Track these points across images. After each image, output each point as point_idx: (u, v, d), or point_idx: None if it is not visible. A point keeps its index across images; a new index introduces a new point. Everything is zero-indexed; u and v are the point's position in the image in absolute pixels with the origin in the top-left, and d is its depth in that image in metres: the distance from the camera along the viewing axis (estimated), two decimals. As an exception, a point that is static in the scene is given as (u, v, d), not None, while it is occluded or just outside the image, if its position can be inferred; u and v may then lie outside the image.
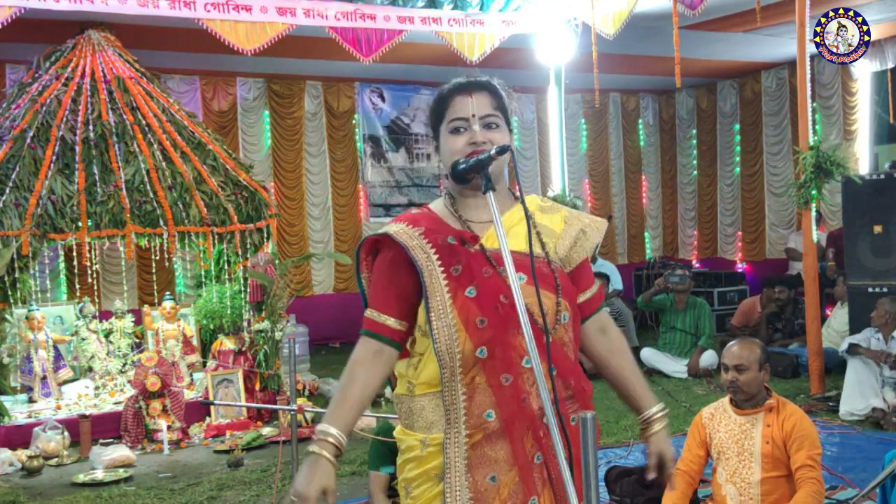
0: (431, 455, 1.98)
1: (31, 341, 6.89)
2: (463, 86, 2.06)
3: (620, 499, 4.41)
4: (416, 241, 1.99)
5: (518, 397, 1.96)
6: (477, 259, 1.99)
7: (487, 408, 1.95)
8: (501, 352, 1.95)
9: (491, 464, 1.95)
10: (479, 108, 2.03)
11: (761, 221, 11.78)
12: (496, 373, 1.95)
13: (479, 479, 1.95)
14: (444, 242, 1.99)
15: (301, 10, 7.51)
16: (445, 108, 2.06)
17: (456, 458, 1.96)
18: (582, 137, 12.41)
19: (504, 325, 1.95)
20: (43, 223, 6.34)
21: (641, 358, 8.35)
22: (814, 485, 3.35)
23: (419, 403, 2.02)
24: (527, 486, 1.96)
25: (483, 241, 2.02)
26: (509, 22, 8.53)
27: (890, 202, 6.92)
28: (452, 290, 1.95)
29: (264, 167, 10.38)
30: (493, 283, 1.97)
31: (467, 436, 1.95)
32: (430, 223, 2.04)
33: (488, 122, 2.04)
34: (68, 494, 5.21)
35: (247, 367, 6.98)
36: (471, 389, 1.95)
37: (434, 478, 1.98)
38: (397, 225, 2.05)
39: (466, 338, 1.93)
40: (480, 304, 1.95)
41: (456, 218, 2.07)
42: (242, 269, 7.07)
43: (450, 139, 2.04)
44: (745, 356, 3.51)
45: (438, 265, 1.97)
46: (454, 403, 1.96)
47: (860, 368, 6.04)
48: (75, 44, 7.31)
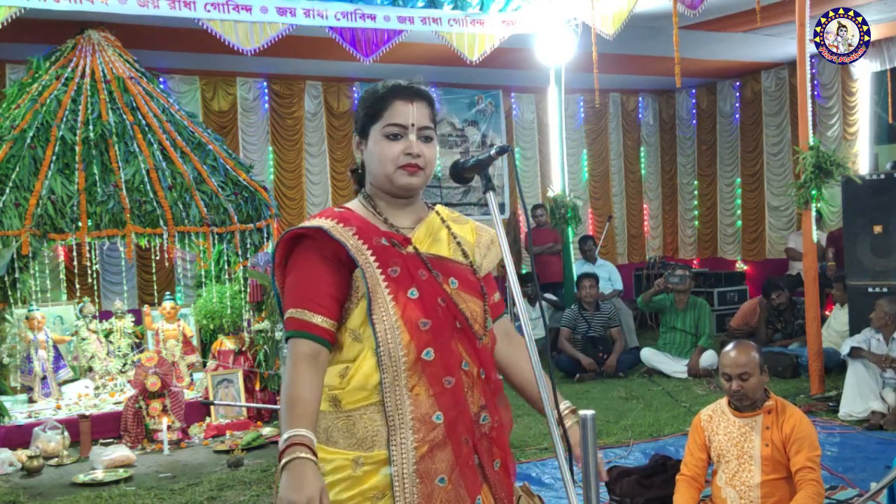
0: (368, 475, 1.89)
1: (31, 341, 6.89)
2: (405, 92, 2.01)
3: (620, 499, 4.41)
4: (352, 240, 1.94)
5: (459, 400, 1.94)
6: (412, 261, 1.98)
7: (435, 410, 1.91)
8: (443, 354, 1.94)
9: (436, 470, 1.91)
10: (418, 118, 2.00)
11: (761, 221, 11.78)
12: (438, 376, 1.92)
13: (429, 485, 1.90)
14: (379, 243, 1.96)
15: (301, 10, 7.52)
16: (382, 110, 2.00)
17: (405, 468, 1.88)
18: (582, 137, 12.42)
19: (443, 327, 1.94)
20: (43, 223, 6.34)
21: (641, 358, 8.36)
22: (814, 486, 3.35)
23: (349, 419, 1.92)
24: (470, 487, 1.94)
25: (415, 244, 2.01)
26: (509, 22, 8.53)
27: (890, 202, 6.92)
28: (393, 291, 1.92)
29: (264, 167, 10.39)
30: (430, 285, 1.96)
31: (415, 445, 1.89)
32: (360, 223, 1.99)
33: (426, 135, 2.02)
34: (68, 494, 5.21)
35: (247, 367, 6.99)
36: (417, 398, 1.90)
37: (371, 498, 1.89)
38: (326, 221, 1.98)
39: (410, 339, 1.89)
40: (423, 306, 1.93)
41: (381, 220, 2.04)
42: (242, 269, 7.07)
43: (384, 143, 1.99)
44: (746, 363, 3.48)
45: (376, 266, 1.93)
46: (399, 409, 1.89)
47: (860, 371, 6.02)
48: (75, 44, 7.31)
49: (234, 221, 6.94)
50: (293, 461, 1.76)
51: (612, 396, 7.31)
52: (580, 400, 7.22)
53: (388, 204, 2.05)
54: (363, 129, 2.05)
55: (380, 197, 2.06)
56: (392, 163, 1.98)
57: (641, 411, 6.65)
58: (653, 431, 6.03)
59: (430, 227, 2.07)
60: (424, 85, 2.06)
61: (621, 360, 8.30)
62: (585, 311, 8.51)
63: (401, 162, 1.98)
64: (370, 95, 2.05)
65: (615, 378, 8.12)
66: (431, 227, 2.07)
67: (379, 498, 1.89)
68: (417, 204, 2.09)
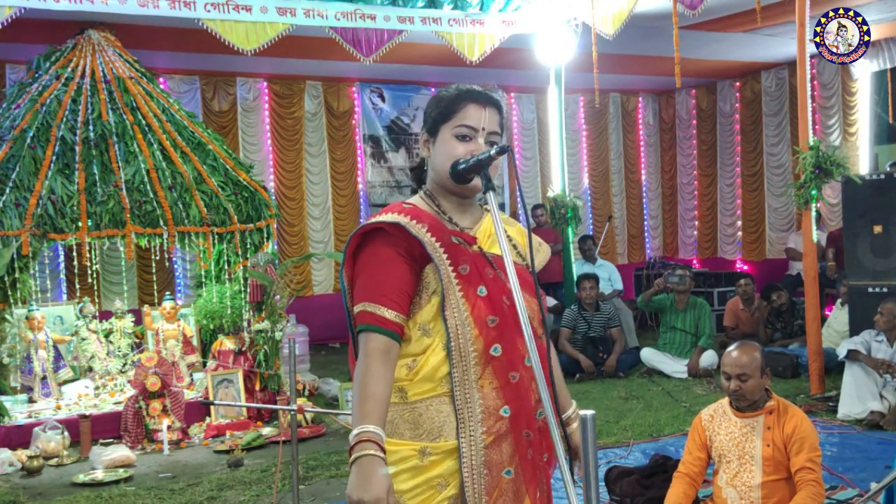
0: (434, 464, 1.95)
1: (31, 341, 6.89)
2: (479, 96, 2.07)
3: (620, 499, 4.41)
4: (426, 237, 1.98)
5: (523, 395, 2.00)
6: (479, 260, 2.04)
7: (502, 404, 1.97)
8: (509, 350, 1.99)
9: (501, 464, 1.98)
10: (489, 123, 2.06)
11: (761, 221, 11.78)
12: (505, 371, 1.98)
13: (495, 475, 1.97)
14: (450, 241, 2.01)
15: (301, 10, 7.52)
16: (455, 111, 2.05)
17: (473, 459, 1.94)
18: (582, 137, 12.42)
19: (509, 324, 1.99)
20: (43, 223, 6.34)
21: (641, 358, 8.36)
22: (813, 487, 3.35)
23: (415, 410, 1.97)
24: (528, 480, 2.01)
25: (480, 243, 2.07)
26: (509, 22, 8.53)
27: (890, 202, 6.92)
28: (464, 289, 1.97)
29: (264, 167, 10.39)
30: (498, 284, 2.02)
31: (483, 435, 1.95)
32: (430, 220, 2.03)
33: (493, 140, 2.07)
34: (68, 494, 5.21)
35: (247, 367, 6.98)
36: (481, 386, 1.97)
37: (436, 486, 1.95)
38: (402, 216, 2.00)
39: (479, 335, 1.95)
40: (491, 303, 1.98)
41: (446, 219, 2.08)
42: (242, 269, 7.07)
43: (453, 143, 2.04)
44: (747, 363, 3.47)
45: (448, 263, 1.98)
46: (468, 402, 1.95)
47: (858, 373, 6.01)
48: (75, 44, 7.31)
49: (234, 221, 6.94)
50: (362, 458, 1.80)
51: (612, 396, 7.31)
52: (580, 400, 7.22)
53: (450, 203, 2.10)
54: (433, 127, 2.09)
55: (442, 195, 2.10)
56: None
57: (641, 411, 6.65)
58: (653, 431, 6.03)
59: (487, 228, 2.12)
60: (497, 93, 2.11)
61: (621, 360, 8.30)
62: (585, 312, 8.51)
63: None
64: (445, 96, 2.09)
65: (615, 378, 8.12)
66: (488, 227, 2.12)
67: (443, 486, 1.94)
68: (475, 205, 2.16)
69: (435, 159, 2.08)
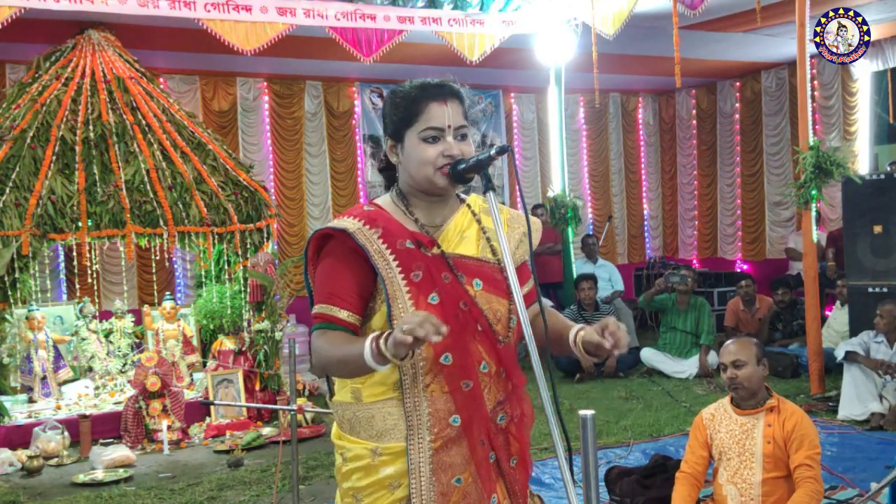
0: (384, 463, 1.98)
1: (31, 341, 6.89)
2: (438, 92, 2.01)
3: (620, 499, 4.41)
4: (375, 244, 1.97)
5: (476, 401, 1.99)
6: (436, 264, 2.00)
7: (452, 413, 1.97)
8: (461, 358, 1.97)
9: (452, 467, 1.98)
10: (454, 118, 2.00)
11: (761, 221, 11.77)
12: (456, 378, 1.97)
13: (445, 482, 1.96)
14: (403, 247, 1.98)
15: (301, 10, 7.52)
16: (417, 113, 1.99)
17: (421, 464, 1.96)
18: (582, 137, 12.42)
19: (463, 331, 1.97)
20: (43, 223, 6.34)
21: (641, 358, 8.36)
22: (812, 484, 3.36)
23: (368, 412, 2.00)
24: (486, 484, 2.00)
25: (441, 245, 2.03)
26: (509, 22, 8.53)
27: (890, 202, 6.92)
28: (414, 297, 1.95)
29: (264, 167, 10.38)
30: (453, 289, 1.99)
31: (431, 441, 1.96)
32: (387, 224, 2.01)
33: (462, 133, 2.02)
34: (68, 494, 5.21)
35: (247, 367, 6.99)
36: (432, 395, 1.96)
37: (388, 486, 1.98)
38: (353, 221, 2.01)
39: (428, 345, 1.88)
40: (443, 311, 1.93)
41: (411, 220, 2.06)
42: (242, 269, 7.07)
43: (422, 147, 1.99)
44: (742, 351, 3.54)
45: (398, 271, 1.96)
46: (416, 410, 1.96)
47: (857, 374, 6.01)
48: (75, 44, 7.31)
49: (234, 221, 6.94)
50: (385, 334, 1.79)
51: (612, 396, 7.30)
52: (580, 400, 7.22)
53: (422, 201, 2.07)
54: (396, 132, 2.04)
55: (414, 195, 2.08)
56: (431, 166, 1.99)
57: (641, 411, 6.65)
58: (653, 431, 6.03)
59: (458, 226, 2.08)
60: (454, 82, 2.07)
61: (621, 360, 8.30)
62: (585, 312, 8.51)
63: (440, 164, 1.99)
64: (402, 98, 2.03)
65: (615, 378, 8.12)
66: (460, 224, 2.09)
67: (395, 487, 1.97)
68: (451, 199, 2.11)
69: (408, 165, 2.03)
